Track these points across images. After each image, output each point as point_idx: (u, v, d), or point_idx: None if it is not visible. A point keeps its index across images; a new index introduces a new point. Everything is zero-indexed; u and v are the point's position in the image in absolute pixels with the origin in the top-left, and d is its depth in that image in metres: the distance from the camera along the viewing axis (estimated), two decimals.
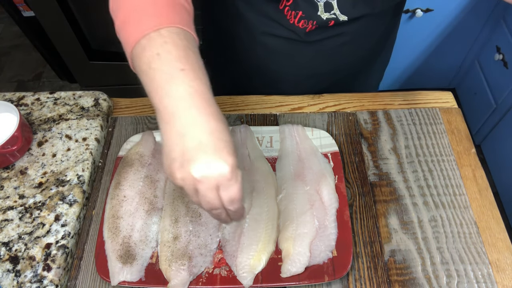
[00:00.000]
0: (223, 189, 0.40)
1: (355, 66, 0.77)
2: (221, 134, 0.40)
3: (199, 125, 0.40)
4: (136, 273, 0.53)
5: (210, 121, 0.40)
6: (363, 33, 0.68)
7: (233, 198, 0.41)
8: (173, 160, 0.40)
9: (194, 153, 0.39)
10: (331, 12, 0.61)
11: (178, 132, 0.40)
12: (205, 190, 0.40)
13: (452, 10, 1.47)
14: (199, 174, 0.38)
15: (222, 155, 0.39)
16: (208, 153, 0.39)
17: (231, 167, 0.39)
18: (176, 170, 0.39)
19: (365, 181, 0.64)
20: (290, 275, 0.53)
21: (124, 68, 1.86)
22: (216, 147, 0.39)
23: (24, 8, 1.54)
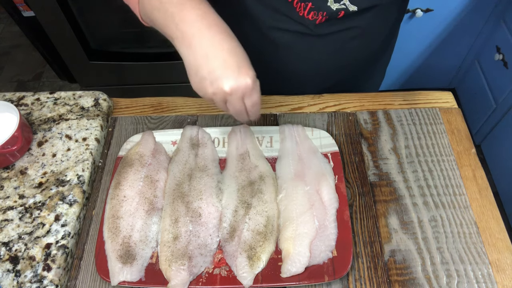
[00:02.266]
0: (247, 97, 0.49)
1: (363, 62, 0.77)
2: (239, 51, 0.48)
3: (218, 45, 0.46)
4: (136, 273, 0.54)
5: (227, 40, 0.47)
6: (372, 27, 0.68)
7: (255, 103, 0.51)
8: (202, 78, 0.47)
9: (222, 71, 0.46)
10: (341, 2, 0.60)
11: (201, 54, 0.46)
12: (234, 100, 0.49)
13: (452, 10, 1.47)
14: (229, 88, 0.46)
15: (245, 70, 0.47)
16: (234, 70, 0.46)
17: (252, 79, 0.48)
18: (207, 86, 0.47)
19: (365, 181, 0.64)
20: (290, 275, 0.53)
21: (124, 68, 1.86)
22: (238, 63, 0.47)
23: (24, 8, 1.54)
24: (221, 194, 0.61)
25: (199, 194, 0.60)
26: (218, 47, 0.46)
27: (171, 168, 0.64)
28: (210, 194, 0.60)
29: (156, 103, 0.76)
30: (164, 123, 0.72)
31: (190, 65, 0.48)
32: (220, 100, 0.49)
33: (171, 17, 0.47)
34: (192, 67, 0.47)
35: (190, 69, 0.48)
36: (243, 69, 0.47)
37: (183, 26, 0.47)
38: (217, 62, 0.46)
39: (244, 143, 0.66)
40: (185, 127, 0.68)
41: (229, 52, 0.47)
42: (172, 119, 0.73)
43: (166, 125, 0.72)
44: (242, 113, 0.52)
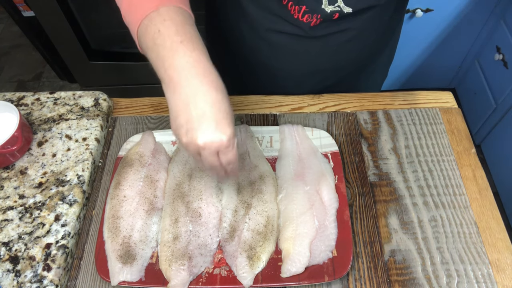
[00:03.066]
0: (222, 154, 0.47)
1: (360, 62, 0.76)
2: (221, 105, 0.46)
3: (201, 95, 0.45)
4: (136, 273, 0.54)
5: (211, 92, 0.46)
6: (368, 28, 0.68)
7: (230, 161, 0.49)
8: (179, 125, 0.46)
9: (198, 123, 0.45)
10: (335, 4, 0.60)
11: (183, 101, 0.45)
12: (207, 155, 0.47)
13: (452, 10, 1.47)
14: (202, 142, 0.45)
15: (222, 126, 0.45)
16: (210, 124, 0.45)
17: (229, 137, 0.46)
18: (182, 135, 0.46)
19: (365, 181, 0.64)
20: (290, 275, 0.53)
21: (124, 68, 1.86)
22: (217, 118, 0.45)
23: (24, 8, 1.54)
24: (221, 194, 0.61)
25: (199, 194, 0.60)
26: (201, 97, 0.45)
27: (171, 168, 0.64)
28: (210, 194, 0.60)
29: (156, 103, 0.76)
30: (164, 123, 0.72)
31: (171, 110, 0.47)
32: (193, 152, 0.47)
33: (161, 61, 0.47)
34: (173, 112, 0.47)
35: (171, 114, 0.47)
36: (221, 125, 0.45)
37: (171, 72, 0.46)
38: (196, 112, 0.45)
39: (244, 143, 0.66)
40: None
41: (211, 105, 0.45)
42: None
43: (166, 125, 0.72)
44: (217, 169, 0.50)
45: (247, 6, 0.66)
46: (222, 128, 0.45)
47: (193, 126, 0.45)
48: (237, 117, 0.73)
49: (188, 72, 0.45)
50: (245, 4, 0.66)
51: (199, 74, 0.46)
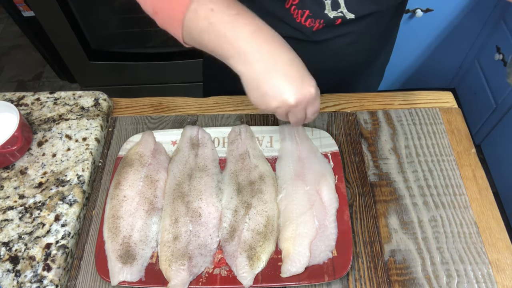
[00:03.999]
0: (310, 105, 0.49)
1: (359, 65, 0.77)
2: (298, 62, 0.47)
3: (278, 58, 0.46)
4: (136, 273, 0.54)
5: (285, 53, 0.46)
6: (368, 32, 0.68)
7: (316, 110, 0.52)
8: (264, 93, 0.46)
9: (285, 84, 0.46)
10: (338, 10, 0.61)
11: (261, 68, 0.45)
12: (298, 110, 0.49)
13: (452, 10, 1.47)
14: (294, 100, 0.46)
15: (307, 80, 0.47)
16: (297, 82, 0.46)
17: (315, 87, 0.48)
18: (271, 101, 0.46)
19: (365, 181, 0.64)
20: (290, 275, 0.53)
21: (124, 68, 1.86)
22: (300, 74, 0.46)
23: (24, 8, 1.54)
24: (221, 194, 0.61)
25: (199, 194, 0.60)
26: (277, 60, 0.46)
27: (171, 168, 0.64)
28: (210, 194, 0.60)
29: (156, 103, 0.76)
30: (164, 123, 0.72)
31: (250, 81, 0.47)
32: (283, 112, 0.49)
33: (224, 37, 0.46)
34: (253, 82, 0.46)
35: (250, 85, 0.47)
36: (306, 79, 0.47)
37: (239, 44, 0.46)
38: (279, 76, 0.46)
39: (244, 143, 0.66)
40: (185, 127, 0.68)
41: (290, 64, 0.46)
42: (172, 119, 0.73)
43: (166, 125, 0.72)
44: (302, 121, 0.53)
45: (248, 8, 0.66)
46: (308, 82, 0.47)
47: (281, 89, 0.45)
48: (237, 117, 0.73)
49: (256, 40, 0.45)
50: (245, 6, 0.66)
51: (267, 40, 0.46)
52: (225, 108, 0.74)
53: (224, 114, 0.74)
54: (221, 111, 0.74)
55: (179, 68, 1.64)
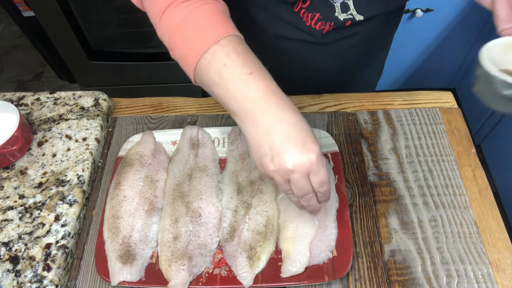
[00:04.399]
0: (313, 174, 0.44)
1: (361, 64, 0.77)
2: (302, 125, 0.44)
3: (281, 120, 0.44)
4: (136, 273, 0.54)
5: (290, 115, 0.44)
6: (374, 32, 0.68)
7: (323, 181, 0.45)
8: (263, 155, 0.44)
9: (284, 146, 0.43)
10: (348, 12, 0.61)
11: (263, 129, 0.44)
12: (297, 178, 0.44)
13: (452, 10, 1.47)
14: (291, 165, 0.43)
15: (308, 145, 0.43)
16: (297, 145, 0.43)
17: (317, 154, 0.44)
18: (268, 163, 0.44)
19: (365, 181, 0.64)
20: (290, 275, 0.53)
21: (124, 68, 1.85)
22: (301, 138, 0.43)
23: (24, 8, 1.54)
24: (221, 194, 0.61)
25: (199, 194, 0.60)
26: (281, 121, 0.44)
27: (171, 168, 0.64)
28: (210, 194, 0.60)
29: (156, 103, 0.76)
30: (164, 123, 0.72)
31: (252, 141, 0.45)
32: (282, 179, 0.45)
33: (232, 95, 0.45)
34: (254, 143, 0.45)
35: (252, 145, 0.45)
36: (307, 144, 0.43)
37: (246, 104, 0.44)
38: (279, 136, 0.43)
39: (244, 143, 0.66)
40: (185, 127, 0.68)
41: (293, 126, 0.44)
42: (172, 119, 0.73)
43: (166, 125, 0.72)
44: (309, 196, 0.47)
45: (256, 14, 0.66)
46: (309, 146, 0.43)
47: (278, 150, 0.43)
48: None
49: (264, 102, 0.44)
50: (254, 11, 0.66)
51: (276, 102, 0.44)
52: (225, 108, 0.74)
53: (224, 114, 0.74)
54: (221, 111, 0.74)
55: (179, 68, 1.63)
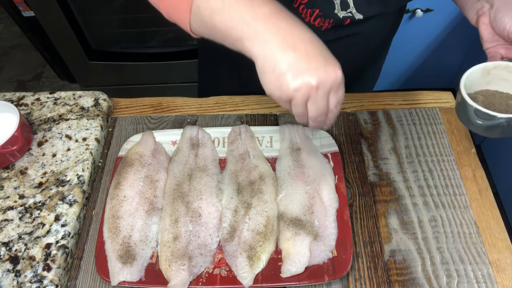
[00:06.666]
0: (333, 92, 0.42)
1: (361, 65, 0.77)
2: (320, 42, 0.41)
3: (297, 36, 0.40)
4: (136, 273, 0.54)
5: (306, 31, 0.41)
6: (374, 32, 0.68)
7: (340, 100, 0.44)
8: (281, 74, 0.40)
9: (307, 62, 0.40)
10: (348, 10, 0.60)
11: (280, 47, 0.40)
12: (319, 96, 0.41)
13: (452, 10, 1.47)
14: (317, 82, 0.40)
15: (332, 61, 0.41)
16: (320, 60, 0.40)
17: (341, 71, 0.41)
18: (289, 81, 0.40)
19: (365, 181, 0.64)
20: (290, 275, 0.53)
21: (124, 68, 1.86)
22: (323, 55, 0.40)
23: (24, 8, 1.54)
24: (221, 194, 0.61)
25: (199, 194, 0.60)
26: (297, 38, 0.40)
27: (171, 168, 0.64)
28: (210, 194, 0.60)
29: (156, 103, 0.76)
30: (164, 123, 0.72)
31: (266, 62, 0.41)
32: (302, 98, 0.41)
33: (239, 16, 0.41)
34: (269, 63, 0.41)
35: (267, 67, 0.41)
36: (330, 60, 0.41)
37: (256, 23, 0.41)
38: (299, 53, 0.40)
39: (244, 143, 0.66)
40: (185, 127, 0.68)
41: (311, 43, 0.41)
42: (172, 119, 0.73)
43: (166, 125, 0.72)
44: (323, 115, 0.44)
45: None
46: (332, 62, 0.41)
47: (302, 67, 0.39)
48: (237, 117, 0.73)
49: (275, 19, 0.41)
50: None
51: (287, 19, 0.41)
52: (225, 108, 0.74)
53: (224, 114, 0.74)
54: (221, 111, 0.74)
55: (179, 68, 1.64)
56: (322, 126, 0.48)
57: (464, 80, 0.54)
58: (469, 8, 0.58)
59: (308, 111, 0.44)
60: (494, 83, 0.56)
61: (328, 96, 0.43)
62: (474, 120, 0.52)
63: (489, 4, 0.55)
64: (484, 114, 0.50)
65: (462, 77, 0.54)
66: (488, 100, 0.55)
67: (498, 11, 0.53)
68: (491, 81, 0.56)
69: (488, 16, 0.55)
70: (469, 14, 0.59)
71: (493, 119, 0.50)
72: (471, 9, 0.58)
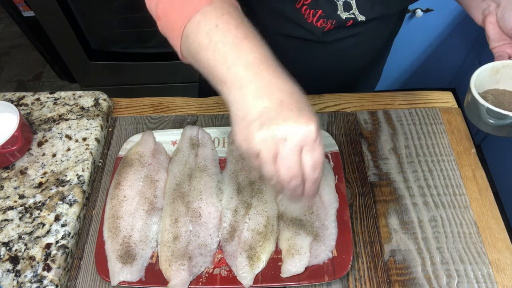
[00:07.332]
0: (306, 151, 0.38)
1: (363, 66, 0.77)
2: (299, 96, 0.39)
3: (276, 86, 0.38)
4: (136, 273, 0.54)
5: (286, 83, 0.39)
6: (376, 34, 0.68)
7: (317, 162, 0.39)
8: (250, 122, 0.37)
9: (277, 111, 0.37)
10: (350, 11, 0.61)
11: (254, 95, 0.38)
12: (288, 152, 0.37)
13: (452, 10, 1.47)
14: (284, 132, 0.36)
15: (306, 114, 0.37)
16: (292, 111, 0.37)
17: (316, 126, 0.38)
18: (255, 131, 0.37)
19: (365, 181, 0.64)
20: (290, 275, 0.53)
21: (124, 68, 1.85)
22: (299, 106, 0.38)
23: (24, 8, 1.54)
24: (221, 194, 0.61)
25: (199, 194, 0.60)
26: (276, 88, 0.38)
27: (171, 168, 0.64)
28: (210, 194, 0.60)
29: (156, 103, 0.76)
30: (164, 123, 0.72)
31: (238, 110, 0.39)
32: (268, 151, 0.37)
33: (222, 59, 0.40)
34: (241, 111, 0.38)
35: (237, 115, 0.39)
36: (305, 112, 0.37)
37: (237, 69, 0.39)
38: (273, 102, 0.37)
39: None
40: (185, 127, 0.68)
41: (289, 94, 0.38)
42: (172, 119, 0.73)
43: (166, 125, 0.72)
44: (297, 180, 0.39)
45: (257, 10, 0.66)
46: (307, 115, 0.37)
47: (270, 115, 0.37)
48: None
49: (258, 67, 0.39)
50: (254, 8, 0.66)
51: (271, 68, 0.39)
52: (225, 108, 0.74)
53: (224, 114, 0.74)
54: (221, 111, 0.74)
55: (179, 68, 1.64)
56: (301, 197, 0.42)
57: (474, 79, 0.54)
58: (474, 7, 0.58)
59: (278, 170, 0.38)
60: (502, 82, 0.56)
61: (301, 154, 0.38)
62: (485, 119, 0.52)
63: (495, 3, 0.55)
64: (495, 113, 0.50)
65: (472, 76, 0.54)
66: (497, 99, 0.55)
67: (506, 10, 0.53)
68: (499, 80, 0.56)
69: (495, 15, 0.55)
70: (475, 14, 0.58)
71: (504, 118, 0.50)
72: (476, 8, 0.58)
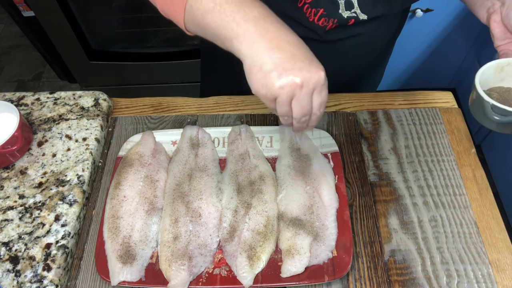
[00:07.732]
0: (317, 93, 0.45)
1: (364, 67, 0.77)
2: (305, 47, 0.45)
3: (284, 39, 0.44)
4: (136, 273, 0.54)
5: (292, 35, 0.44)
6: (378, 33, 0.68)
7: (324, 101, 0.46)
8: (267, 72, 0.43)
9: (291, 62, 0.43)
10: (352, 10, 0.61)
11: (267, 47, 0.43)
12: (303, 95, 0.44)
13: (452, 10, 1.47)
14: (301, 79, 0.42)
15: (316, 63, 0.44)
16: (305, 62, 0.43)
17: (324, 73, 0.44)
18: (274, 79, 0.43)
19: (365, 181, 0.64)
20: (290, 275, 0.53)
21: (124, 68, 1.85)
22: (308, 56, 0.44)
23: (24, 8, 1.54)
24: (221, 194, 0.61)
25: (199, 194, 0.60)
26: (284, 40, 0.44)
27: (171, 168, 0.64)
28: (210, 194, 0.60)
29: (156, 103, 0.76)
30: (164, 123, 0.72)
31: (254, 62, 0.44)
32: (287, 96, 0.44)
33: (230, 16, 0.44)
34: (257, 62, 0.43)
35: (254, 66, 0.44)
36: (314, 62, 0.44)
37: (246, 24, 0.44)
38: (285, 54, 0.43)
39: (244, 143, 0.66)
40: (185, 127, 0.68)
41: (297, 45, 0.44)
42: (172, 119, 0.73)
43: (166, 125, 0.72)
44: (306, 116, 0.47)
45: None
46: (316, 64, 0.44)
47: (287, 66, 0.42)
48: (237, 117, 0.73)
49: (263, 21, 0.44)
50: None
51: (275, 22, 0.44)
52: (225, 108, 0.74)
53: (224, 114, 0.74)
54: (221, 111, 0.74)
55: (179, 68, 1.64)
56: (305, 128, 0.50)
57: (479, 76, 0.54)
58: (479, 6, 0.59)
59: (293, 110, 0.45)
60: (507, 80, 0.56)
61: (312, 96, 0.45)
62: (491, 116, 0.52)
63: (500, 2, 0.55)
64: (501, 110, 0.51)
65: (476, 74, 0.54)
66: (502, 97, 0.55)
67: (510, 8, 0.54)
68: (504, 78, 0.56)
69: (499, 13, 0.55)
70: (479, 12, 0.59)
71: (510, 115, 0.50)
72: (481, 7, 0.58)
